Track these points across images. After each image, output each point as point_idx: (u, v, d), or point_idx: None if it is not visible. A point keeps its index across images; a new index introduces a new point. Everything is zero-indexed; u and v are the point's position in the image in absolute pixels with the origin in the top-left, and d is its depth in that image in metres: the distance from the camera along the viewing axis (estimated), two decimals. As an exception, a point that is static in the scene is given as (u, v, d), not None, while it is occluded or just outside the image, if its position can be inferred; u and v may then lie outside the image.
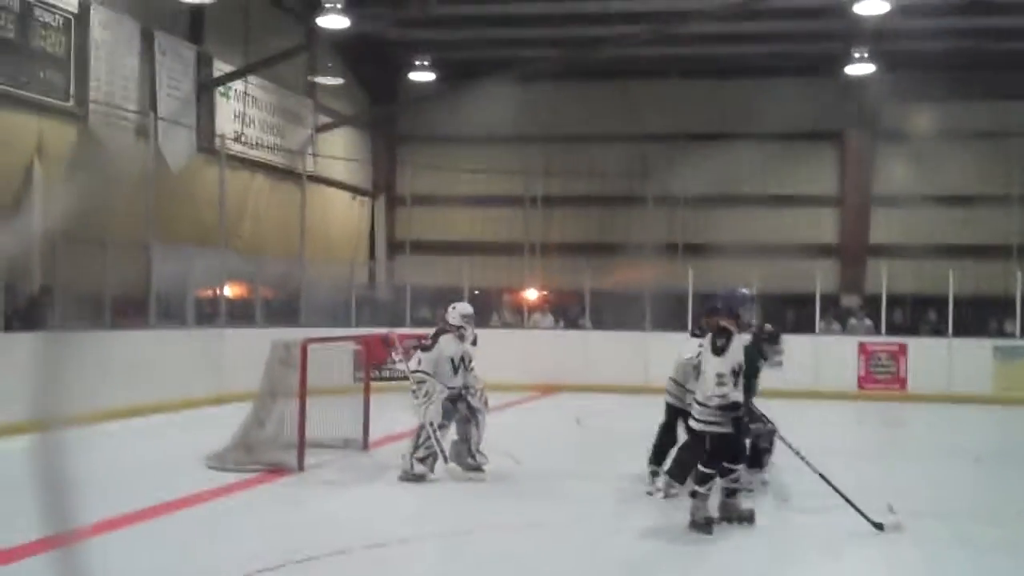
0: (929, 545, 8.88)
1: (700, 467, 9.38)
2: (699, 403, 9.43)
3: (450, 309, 12.18)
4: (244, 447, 12.39)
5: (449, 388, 11.75)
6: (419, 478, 11.46)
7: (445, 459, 11.73)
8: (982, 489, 11.82)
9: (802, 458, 9.56)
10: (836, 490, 9.49)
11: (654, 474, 11.40)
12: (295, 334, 13.71)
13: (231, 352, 18.84)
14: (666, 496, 10.73)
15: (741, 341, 9.59)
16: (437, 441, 11.63)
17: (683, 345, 11.40)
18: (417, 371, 11.81)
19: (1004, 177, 27.95)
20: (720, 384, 9.09)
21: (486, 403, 12.06)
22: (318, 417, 12.60)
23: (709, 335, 9.46)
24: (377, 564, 8.24)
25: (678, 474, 10.67)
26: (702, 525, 9.20)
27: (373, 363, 15.40)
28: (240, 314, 21.32)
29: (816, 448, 9.52)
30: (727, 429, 9.27)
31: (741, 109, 28.06)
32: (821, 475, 9.57)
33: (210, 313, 20.45)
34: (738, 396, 9.21)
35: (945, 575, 8.08)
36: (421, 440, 11.59)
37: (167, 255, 18.63)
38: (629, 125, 29.13)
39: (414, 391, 11.87)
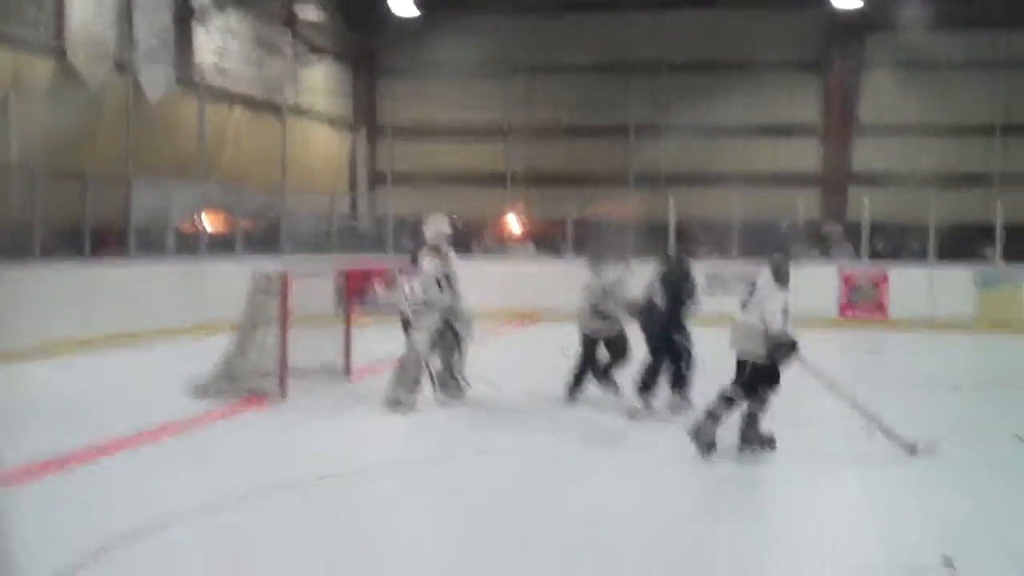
0: (912, 463, 9.07)
1: (729, 393, 9.37)
2: (756, 334, 9.34)
3: (426, 226, 12.11)
4: (227, 376, 12.41)
5: (440, 308, 11.78)
6: (404, 406, 11.49)
7: (435, 386, 11.76)
8: (969, 415, 11.85)
9: (830, 384, 9.68)
10: (866, 415, 9.62)
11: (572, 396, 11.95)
12: (276, 264, 13.68)
13: (212, 283, 18.79)
14: (634, 417, 11.16)
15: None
16: (429, 369, 11.65)
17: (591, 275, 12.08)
18: (417, 299, 11.73)
19: (986, 106, 27.93)
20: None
21: (471, 329, 12.09)
22: (300, 346, 12.62)
23: (769, 271, 9.46)
24: (361, 489, 8.31)
25: (648, 389, 11.35)
26: (707, 445, 9.27)
27: (354, 293, 15.38)
28: (221, 245, 21.26)
29: (797, 376, 9.56)
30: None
31: (725, 39, 27.98)
32: (852, 402, 9.71)
33: (191, 244, 20.37)
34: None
35: (973, 494, 8.19)
36: (408, 369, 11.60)
37: (147, 187, 18.53)
38: (611, 55, 29.01)
39: (405, 320, 11.83)
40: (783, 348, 9.20)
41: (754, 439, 9.45)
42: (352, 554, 6.67)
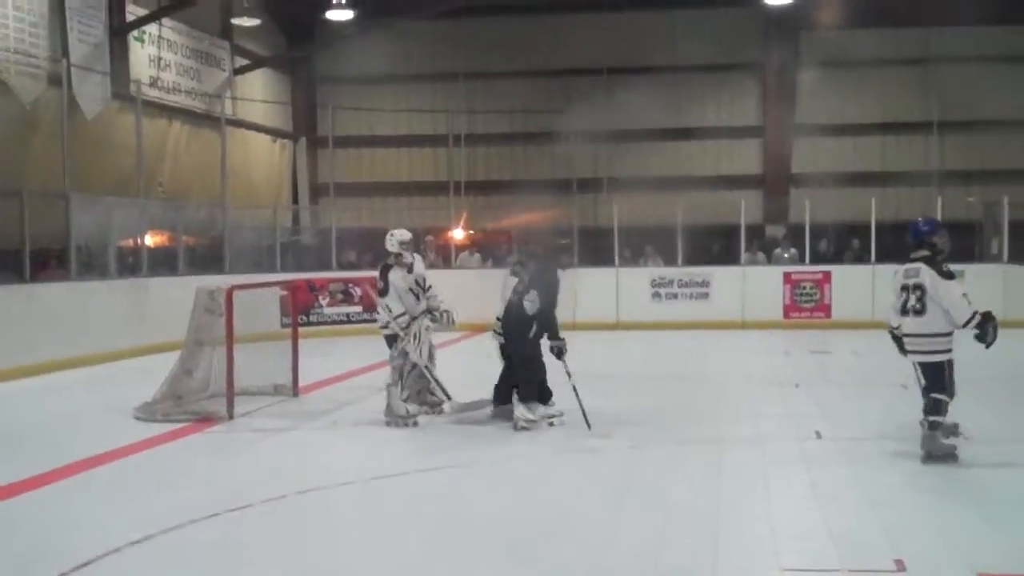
0: (860, 463, 9.21)
1: (933, 395, 9.23)
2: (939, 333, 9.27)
3: (388, 238, 11.92)
4: (172, 397, 12.28)
5: (421, 314, 11.73)
6: (409, 422, 11.40)
7: (448, 397, 11.74)
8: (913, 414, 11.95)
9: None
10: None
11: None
12: (220, 281, 13.55)
13: (155, 302, 18.57)
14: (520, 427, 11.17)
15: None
16: (435, 380, 11.59)
17: (507, 281, 11.77)
18: (399, 316, 11.57)
19: (923, 104, 28.30)
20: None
21: (453, 321, 12.05)
22: (246, 364, 12.49)
23: (929, 270, 9.24)
24: (311, 509, 8.21)
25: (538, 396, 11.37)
26: (948, 454, 9.18)
27: (300, 308, 15.27)
28: (163, 263, 21.00)
29: (742, 376, 9.59)
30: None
31: (662, 41, 28.14)
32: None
33: (132, 263, 20.10)
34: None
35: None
36: (406, 383, 11.54)
37: (86, 205, 18.24)
38: (550, 60, 29.09)
39: (388, 337, 11.68)
40: (986, 324, 9.06)
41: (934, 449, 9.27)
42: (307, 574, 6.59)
